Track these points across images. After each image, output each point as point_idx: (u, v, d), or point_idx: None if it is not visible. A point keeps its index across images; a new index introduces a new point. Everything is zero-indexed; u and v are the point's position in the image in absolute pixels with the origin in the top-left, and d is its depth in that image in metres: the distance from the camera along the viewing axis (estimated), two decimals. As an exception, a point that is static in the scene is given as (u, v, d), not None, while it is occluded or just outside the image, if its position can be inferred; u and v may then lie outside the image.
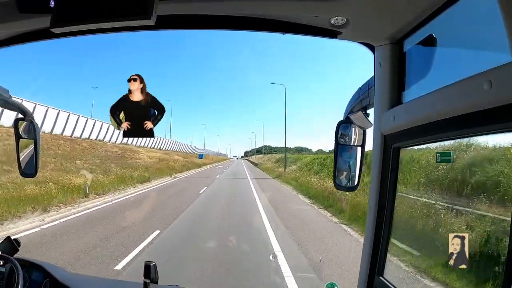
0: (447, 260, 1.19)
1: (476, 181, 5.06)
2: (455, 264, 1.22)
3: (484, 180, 4.72)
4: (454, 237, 1.23)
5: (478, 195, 4.88)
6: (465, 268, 1.21)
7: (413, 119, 1.12)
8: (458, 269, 1.22)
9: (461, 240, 1.21)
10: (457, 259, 1.22)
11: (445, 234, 4.95)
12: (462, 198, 5.58)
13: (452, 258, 1.21)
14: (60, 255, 6.58)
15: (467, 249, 1.20)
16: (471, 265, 1.53)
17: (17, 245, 1.76)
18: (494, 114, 0.80)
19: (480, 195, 4.70)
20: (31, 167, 1.87)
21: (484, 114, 0.82)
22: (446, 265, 4.23)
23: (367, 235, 1.39)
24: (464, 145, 5.06)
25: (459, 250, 1.21)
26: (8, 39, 1.39)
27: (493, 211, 3.94)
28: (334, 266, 6.06)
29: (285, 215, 11.55)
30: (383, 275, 1.36)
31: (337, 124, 1.56)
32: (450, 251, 1.20)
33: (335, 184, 1.58)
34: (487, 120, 0.82)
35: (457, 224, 4.75)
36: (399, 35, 1.22)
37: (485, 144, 4.47)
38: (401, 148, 1.26)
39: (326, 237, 8.91)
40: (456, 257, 1.21)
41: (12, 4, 1.14)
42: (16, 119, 1.84)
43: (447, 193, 5.71)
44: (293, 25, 1.21)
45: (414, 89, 1.21)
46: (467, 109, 0.87)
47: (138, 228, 9.05)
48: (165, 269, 3.36)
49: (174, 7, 1.09)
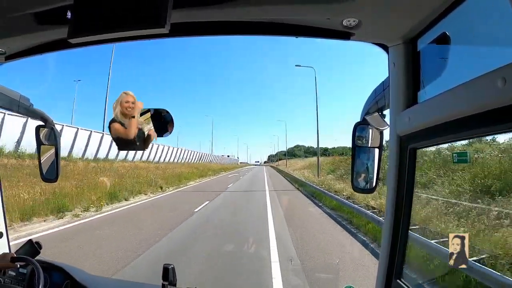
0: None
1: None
2: (455, 264, 1.22)
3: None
4: (454, 237, 1.22)
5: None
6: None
7: (429, 119, 1.10)
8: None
9: (461, 240, 1.21)
10: (457, 259, 1.21)
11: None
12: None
13: (452, 258, 1.21)
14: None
15: (467, 249, 1.19)
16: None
17: (38, 248, 1.82)
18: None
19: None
20: (52, 173, 1.94)
21: (501, 112, 0.80)
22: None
23: (385, 238, 1.37)
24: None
25: (459, 250, 1.20)
26: (27, 50, 1.45)
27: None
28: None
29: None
30: (401, 279, 1.34)
31: (354, 126, 1.55)
32: (450, 251, 1.21)
33: (353, 187, 1.58)
34: (506, 118, 0.80)
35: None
36: (412, 34, 1.21)
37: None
38: (418, 149, 1.24)
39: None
40: (456, 257, 1.21)
41: (30, 17, 1.19)
42: (37, 126, 1.91)
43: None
44: (306, 28, 1.21)
45: (429, 88, 1.20)
46: (484, 107, 0.85)
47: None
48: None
49: (188, 15, 1.11)
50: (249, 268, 5.94)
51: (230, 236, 8.53)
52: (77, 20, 1.06)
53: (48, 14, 1.18)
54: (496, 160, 7.38)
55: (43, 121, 1.91)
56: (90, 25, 1.05)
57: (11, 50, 1.45)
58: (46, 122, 1.92)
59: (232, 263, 6.16)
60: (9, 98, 1.74)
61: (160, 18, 0.96)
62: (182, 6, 1.05)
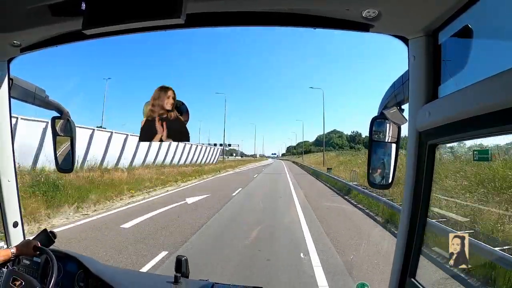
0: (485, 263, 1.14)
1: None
2: (455, 264, 1.21)
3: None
4: (454, 237, 1.21)
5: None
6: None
7: (450, 114, 1.06)
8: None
9: (461, 240, 1.20)
10: (457, 259, 1.20)
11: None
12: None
13: (452, 258, 1.20)
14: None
15: (467, 249, 1.18)
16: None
17: (53, 237, 1.85)
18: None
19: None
20: (68, 163, 1.97)
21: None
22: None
23: (400, 236, 1.35)
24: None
25: (459, 250, 1.19)
26: (42, 41, 1.46)
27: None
28: None
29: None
30: (415, 277, 1.32)
31: (371, 120, 1.53)
32: (450, 251, 1.20)
33: (369, 182, 1.56)
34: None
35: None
36: (434, 27, 1.17)
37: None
38: (437, 145, 1.21)
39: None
40: (456, 257, 1.20)
41: (45, 8, 1.20)
42: (53, 117, 1.94)
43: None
44: (325, 19, 1.19)
45: (450, 83, 1.16)
46: (507, 104, 0.82)
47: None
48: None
49: (203, 5, 1.10)
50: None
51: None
52: (92, 11, 1.06)
53: (62, 6, 1.19)
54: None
55: (58, 112, 1.94)
56: (105, 16, 1.05)
57: (26, 42, 1.47)
58: (62, 113, 1.94)
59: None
60: (25, 90, 1.77)
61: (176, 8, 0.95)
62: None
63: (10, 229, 1.85)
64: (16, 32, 1.36)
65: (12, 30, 1.34)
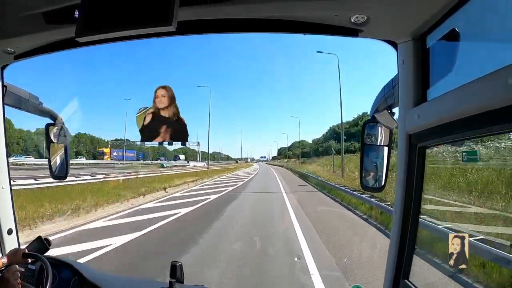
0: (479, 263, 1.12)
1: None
2: (455, 264, 1.20)
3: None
4: (454, 237, 1.21)
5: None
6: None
7: (439, 117, 1.08)
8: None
9: (461, 240, 1.20)
10: (457, 259, 1.20)
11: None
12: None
13: (452, 258, 1.19)
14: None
15: (467, 249, 1.18)
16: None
17: (48, 244, 1.84)
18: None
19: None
20: (62, 170, 1.96)
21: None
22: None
23: (393, 237, 1.36)
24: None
25: (459, 250, 1.19)
26: (36, 49, 1.47)
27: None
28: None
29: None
30: (409, 279, 1.33)
31: (363, 124, 1.55)
32: (450, 251, 1.19)
33: (362, 185, 1.57)
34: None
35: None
36: (421, 31, 1.19)
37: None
38: (427, 148, 1.22)
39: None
40: (456, 257, 1.20)
41: (39, 16, 1.21)
42: (46, 124, 1.94)
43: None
44: (314, 25, 1.20)
45: (439, 86, 1.17)
46: (494, 105, 0.83)
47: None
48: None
49: (194, 13, 1.12)
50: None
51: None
52: (85, 19, 1.07)
53: (56, 14, 1.20)
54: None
55: (52, 119, 1.94)
56: (98, 24, 1.06)
57: (20, 49, 1.47)
58: (55, 120, 1.94)
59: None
60: (19, 97, 1.77)
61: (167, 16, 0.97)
62: (189, 4, 1.06)
63: (5, 236, 1.83)
64: (9, 39, 1.36)
65: (5, 37, 1.35)
